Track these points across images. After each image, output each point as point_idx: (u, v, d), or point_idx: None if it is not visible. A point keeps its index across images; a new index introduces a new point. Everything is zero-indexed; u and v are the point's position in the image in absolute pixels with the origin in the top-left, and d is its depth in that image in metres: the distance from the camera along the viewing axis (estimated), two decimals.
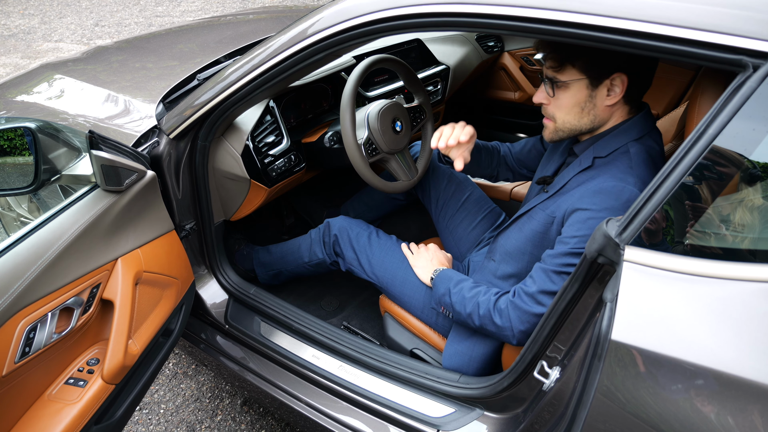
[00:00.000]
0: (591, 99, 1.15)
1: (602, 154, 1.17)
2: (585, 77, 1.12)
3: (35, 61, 5.11)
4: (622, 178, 1.09)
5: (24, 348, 1.02)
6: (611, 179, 1.10)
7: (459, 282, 1.34)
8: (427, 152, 1.69)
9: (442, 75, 2.30)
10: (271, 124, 1.69)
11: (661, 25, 0.80)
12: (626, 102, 1.16)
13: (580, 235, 1.10)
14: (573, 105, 1.16)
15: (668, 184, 0.78)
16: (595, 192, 1.10)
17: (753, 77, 0.74)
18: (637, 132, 1.15)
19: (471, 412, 1.29)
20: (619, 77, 1.10)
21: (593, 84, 1.13)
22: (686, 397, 0.74)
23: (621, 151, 1.14)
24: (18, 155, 1.28)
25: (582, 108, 1.16)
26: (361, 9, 1.10)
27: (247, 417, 2.00)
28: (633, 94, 1.14)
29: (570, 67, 1.13)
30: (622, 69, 1.10)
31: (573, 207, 1.13)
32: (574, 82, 1.14)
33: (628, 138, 1.15)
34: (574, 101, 1.16)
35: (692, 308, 0.75)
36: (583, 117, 1.18)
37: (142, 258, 1.29)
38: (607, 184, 1.10)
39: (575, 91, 1.15)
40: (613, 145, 1.16)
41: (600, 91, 1.13)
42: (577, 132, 1.21)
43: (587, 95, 1.14)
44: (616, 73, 1.10)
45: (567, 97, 1.16)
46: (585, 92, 1.14)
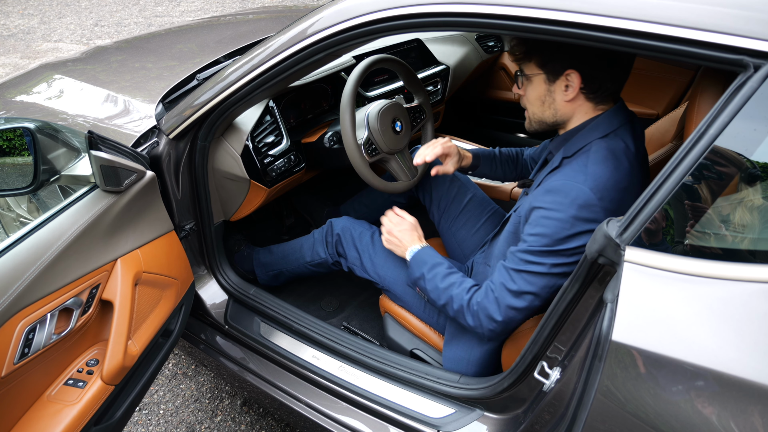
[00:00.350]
0: (550, 93, 1.18)
1: (568, 154, 1.18)
2: (542, 72, 1.16)
3: (35, 61, 5.10)
4: (572, 176, 1.10)
5: (23, 349, 1.02)
6: (561, 178, 1.12)
7: (433, 267, 1.32)
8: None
9: (442, 75, 2.30)
10: (270, 124, 1.69)
11: (662, 25, 0.80)
12: (589, 99, 1.16)
13: (535, 233, 1.11)
14: (535, 98, 1.21)
15: (669, 184, 0.78)
16: (547, 191, 1.12)
17: (754, 77, 0.73)
18: (603, 129, 1.16)
19: (471, 412, 1.29)
20: (574, 74, 1.12)
21: (550, 79, 1.16)
22: (687, 398, 0.74)
23: (584, 150, 1.15)
24: (17, 155, 1.28)
25: (543, 102, 1.20)
26: (360, 9, 1.10)
27: (246, 417, 1.99)
28: (593, 90, 1.14)
29: (529, 62, 1.17)
30: (574, 66, 1.12)
31: (531, 205, 1.15)
32: (534, 76, 1.18)
33: (594, 136, 1.16)
34: (536, 94, 1.20)
35: (693, 309, 0.75)
36: (546, 110, 1.21)
37: (141, 258, 1.29)
38: (556, 183, 1.11)
39: (536, 85, 1.19)
40: (579, 144, 1.17)
41: (557, 86, 1.16)
42: (546, 124, 1.24)
43: (546, 89, 1.18)
44: (569, 70, 1.12)
45: (530, 89, 1.21)
46: (544, 86, 1.18)
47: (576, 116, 1.19)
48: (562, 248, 1.09)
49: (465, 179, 1.74)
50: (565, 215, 1.07)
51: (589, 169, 1.10)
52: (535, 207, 1.13)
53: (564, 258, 1.10)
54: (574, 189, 1.08)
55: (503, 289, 1.16)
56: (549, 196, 1.11)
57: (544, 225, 1.10)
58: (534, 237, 1.11)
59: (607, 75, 1.13)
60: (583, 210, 1.06)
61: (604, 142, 1.14)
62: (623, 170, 1.11)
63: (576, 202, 1.07)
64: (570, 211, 1.07)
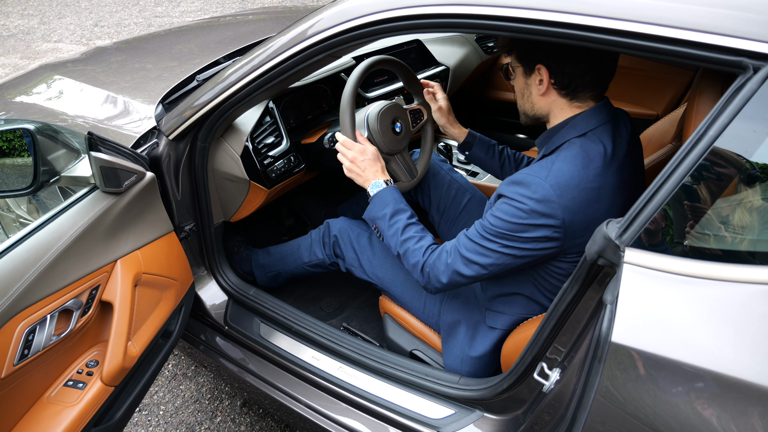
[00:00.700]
0: (527, 87, 1.22)
1: (547, 152, 1.21)
2: (520, 66, 1.21)
3: (34, 62, 5.11)
4: (537, 171, 1.12)
5: (23, 350, 1.02)
6: (528, 171, 1.14)
7: (396, 213, 1.33)
8: (427, 153, 1.69)
9: (441, 76, 2.30)
10: (270, 125, 1.69)
11: (661, 26, 0.80)
12: (561, 95, 1.18)
13: (496, 216, 1.15)
14: (518, 90, 1.26)
15: (669, 185, 0.78)
16: (513, 182, 1.15)
17: (753, 79, 0.73)
18: (581, 128, 1.17)
19: (471, 413, 1.29)
20: (543, 68, 1.15)
21: (527, 73, 1.20)
22: (686, 399, 0.74)
23: (561, 148, 1.17)
24: (17, 156, 1.28)
25: (522, 94, 1.25)
26: (361, 10, 1.10)
27: (246, 418, 1.99)
28: (563, 86, 1.16)
29: (511, 55, 1.23)
30: (542, 61, 1.14)
31: (498, 192, 1.19)
32: (516, 69, 1.23)
33: (571, 135, 1.17)
34: (518, 87, 1.25)
35: (692, 310, 0.75)
36: (525, 103, 1.26)
37: (141, 259, 1.29)
38: (520, 176, 1.14)
39: (518, 78, 1.24)
40: (557, 142, 1.19)
41: (533, 81, 1.20)
42: (529, 117, 1.28)
43: (524, 83, 1.23)
44: (538, 65, 1.15)
45: (515, 81, 1.26)
46: (522, 80, 1.23)
47: (553, 111, 1.22)
48: (517, 235, 1.12)
49: (463, 181, 1.74)
50: (523, 207, 1.10)
51: (555, 166, 1.12)
52: (500, 194, 1.17)
53: (517, 243, 1.13)
54: (534, 183, 1.10)
55: (457, 254, 1.20)
56: (512, 186, 1.14)
57: (503, 211, 1.13)
58: (494, 218, 1.15)
59: (574, 70, 1.14)
60: (540, 205, 1.09)
61: (579, 141, 1.16)
62: (594, 170, 1.12)
63: (534, 195, 1.09)
64: (528, 203, 1.10)
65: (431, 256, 1.25)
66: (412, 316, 1.53)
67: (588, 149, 1.14)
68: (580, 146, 1.14)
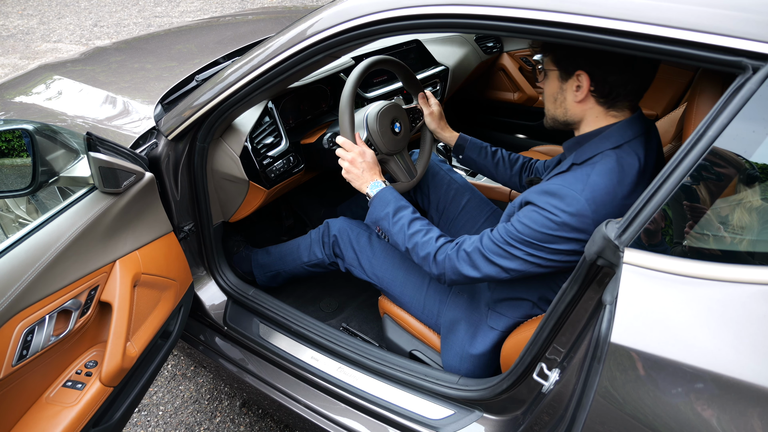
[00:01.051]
0: (562, 92, 1.18)
1: (578, 161, 1.17)
2: (556, 69, 1.17)
3: (34, 62, 5.10)
4: (572, 183, 1.10)
5: (21, 351, 1.01)
6: (562, 182, 1.11)
7: (398, 210, 1.33)
8: (426, 154, 1.69)
9: (441, 76, 2.30)
10: (269, 125, 1.69)
11: (660, 26, 0.80)
12: (599, 102, 1.15)
13: (524, 223, 1.13)
14: (549, 94, 1.21)
15: (668, 185, 0.78)
16: (545, 191, 1.12)
17: (753, 79, 0.73)
18: (616, 140, 1.14)
19: (470, 414, 1.29)
20: (584, 75, 1.12)
21: (563, 78, 1.16)
22: (686, 400, 0.74)
23: (594, 160, 1.14)
24: (16, 157, 1.28)
25: (555, 99, 1.20)
26: (360, 10, 1.10)
27: (246, 419, 1.99)
28: (603, 94, 1.13)
29: (546, 57, 1.18)
30: (584, 67, 1.11)
31: (526, 199, 1.16)
32: (550, 72, 1.19)
33: (606, 146, 1.14)
34: (550, 90, 1.21)
35: (692, 311, 0.75)
36: (557, 108, 1.21)
37: (140, 260, 1.29)
38: (555, 186, 1.11)
39: (551, 81, 1.20)
40: (589, 152, 1.15)
41: (569, 86, 1.16)
42: (558, 122, 1.24)
43: (558, 87, 1.18)
44: (579, 71, 1.12)
45: (546, 84, 1.22)
46: (557, 84, 1.18)
47: (587, 119, 1.18)
48: (544, 245, 1.11)
49: (462, 181, 1.74)
50: (556, 219, 1.08)
51: (590, 179, 1.09)
52: (529, 202, 1.14)
53: (543, 253, 1.11)
54: (569, 196, 1.08)
55: (478, 252, 1.19)
56: (545, 197, 1.11)
57: (533, 220, 1.11)
58: (522, 226, 1.13)
59: (617, 80, 1.11)
60: (574, 218, 1.07)
61: (615, 154, 1.12)
62: (628, 185, 1.10)
63: (568, 209, 1.07)
64: (562, 216, 1.07)
65: (447, 247, 1.25)
66: (412, 317, 1.53)
67: (624, 163, 1.11)
68: (617, 160, 1.11)
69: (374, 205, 1.37)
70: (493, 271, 1.18)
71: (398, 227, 1.32)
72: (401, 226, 1.31)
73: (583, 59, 1.10)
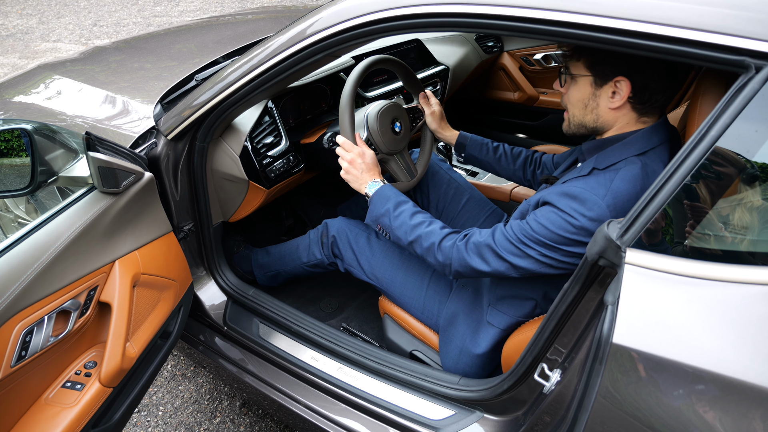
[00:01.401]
0: (594, 98, 1.14)
1: (600, 167, 1.14)
2: (590, 74, 1.12)
3: (33, 62, 5.10)
4: (594, 188, 1.07)
5: (20, 352, 1.01)
6: (584, 186, 1.09)
7: (399, 204, 1.32)
8: (426, 153, 1.69)
9: (441, 75, 2.29)
10: (269, 125, 1.68)
11: (662, 25, 0.79)
12: (635, 109, 1.12)
13: (541, 223, 1.11)
14: (578, 100, 1.17)
15: (670, 186, 0.78)
16: (565, 193, 1.10)
17: (755, 78, 0.73)
18: (641, 146, 1.11)
19: (471, 414, 1.28)
20: (624, 81, 1.08)
21: (597, 83, 1.12)
22: (688, 401, 0.74)
23: (617, 166, 1.11)
24: (15, 156, 1.28)
25: (585, 105, 1.16)
26: (360, 9, 1.10)
27: (246, 419, 1.99)
28: (641, 101, 1.10)
29: (577, 61, 1.13)
30: (625, 73, 1.07)
31: (544, 198, 1.14)
32: (580, 77, 1.14)
33: (629, 153, 1.11)
34: (579, 96, 1.16)
35: (694, 311, 0.74)
36: (587, 114, 1.17)
37: (139, 260, 1.29)
38: (576, 189, 1.08)
39: (581, 86, 1.15)
40: (613, 158, 1.13)
41: (604, 92, 1.12)
42: (585, 128, 1.20)
43: (591, 93, 1.14)
44: (619, 77, 1.08)
45: (574, 90, 1.17)
46: (589, 90, 1.14)
47: (618, 125, 1.15)
48: (559, 247, 1.09)
49: (462, 181, 1.74)
50: (575, 222, 1.06)
51: (614, 185, 1.07)
52: (547, 202, 1.12)
53: (557, 254, 1.10)
54: (590, 200, 1.06)
55: (489, 248, 1.17)
56: (565, 199, 1.09)
57: (550, 221, 1.09)
58: (538, 225, 1.11)
59: (658, 86, 1.08)
60: (593, 224, 1.05)
61: (640, 161, 1.10)
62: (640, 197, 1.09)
63: (588, 214, 1.05)
64: (581, 220, 1.06)
65: (454, 236, 1.23)
66: (412, 317, 1.53)
67: (649, 171, 1.09)
68: (642, 167, 1.08)
69: (374, 202, 1.36)
70: (502, 267, 1.16)
71: (399, 221, 1.30)
72: (402, 220, 1.29)
73: (625, 65, 1.07)
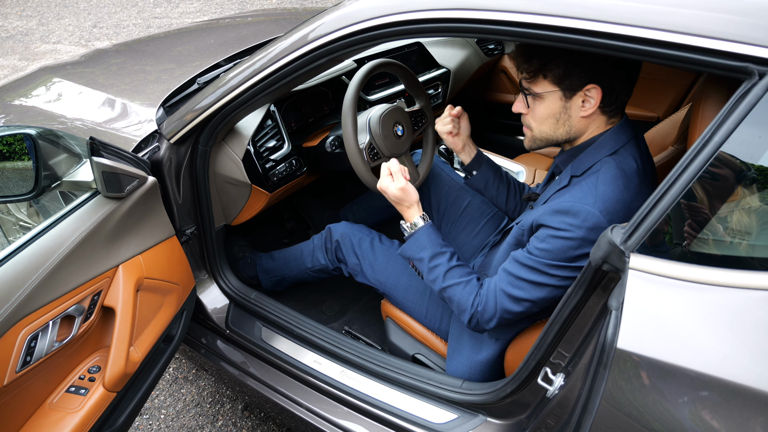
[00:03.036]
0: (565, 110, 1.14)
1: (577, 173, 1.16)
2: (558, 89, 1.12)
3: (33, 63, 5.09)
4: (582, 198, 1.08)
5: (25, 357, 1.01)
6: (570, 199, 1.10)
7: (434, 256, 1.28)
8: (428, 157, 1.69)
9: (442, 78, 2.30)
10: (272, 128, 1.69)
11: (666, 32, 0.80)
12: (604, 113, 1.14)
13: (542, 248, 1.11)
14: (548, 116, 1.16)
15: (674, 191, 0.78)
16: (556, 211, 1.10)
17: (759, 84, 0.73)
18: (611, 146, 1.13)
19: (474, 418, 1.28)
20: (594, 88, 1.09)
21: (567, 95, 1.12)
22: (692, 406, 0.74)
23: (594, 169, 1.13)
24: (17, 160, 1.28)
25: (557, 119, 1.16)
26: (362, 15, 1.10)
27: (248, 422, 1.99)
28: (610, 104, 1.12)
29: (542, 79, 1.12)
30: (595, 80, 1.08)
31: (538, 222, 1.14)
32: (548, 94, 1.13)
33: (603, 154, 1.13)
34: (549, 112, 1.15)
35: (698, 316, 0.75)
36: (558, 128, 1.17)
37: (143, 264, 1.29)
38: (566, 204, 1.09)
39: (549, 103, 1.14)
40: (587, 162, 1.14)
41: (574, 102, 1.12)
42: (554, 142, 1.20)
43: (561, 107, 1.14)
44: (590, 84, 1.09)
45: (542, 108, 1.15)
46: (559, 104, 1.13)
47: (588, 131, 1.16)
48: (570, 265, 1.09)
49: (463, 184, 1.74)
50: (574, 236, 1.07)
51: (599, 191, 1.08)
52: (542, 225, 1.12)
53: (569, 272, 1.10)
54: (583, 211, 1.07)
55: (503, 294, 1.17)
56: (558, 216, 1.09)
57: (551, 243, 1.09)
58: (541, 251, 1.11)
59: (623, 87, 1.10)
60: (592, 232, 1.06)
61: (614, 161, 1.11)
62: (633, 189, 1.09)
63: (585, 224, 1.06)
64: (579, 232, 1.06)
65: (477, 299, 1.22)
66: (415, 320, 1.53)
67: (625, 168, 1.10)
68: (617, 166, 1.10)
69: (409, 243, 1.33)
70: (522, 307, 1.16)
71: (434, 275, 1.27)
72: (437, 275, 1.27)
73: (593, 71, 1.08)
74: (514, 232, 1.26)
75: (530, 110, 1.18)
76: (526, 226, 1.19)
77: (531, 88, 1.15)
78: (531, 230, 1.17)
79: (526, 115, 1.20)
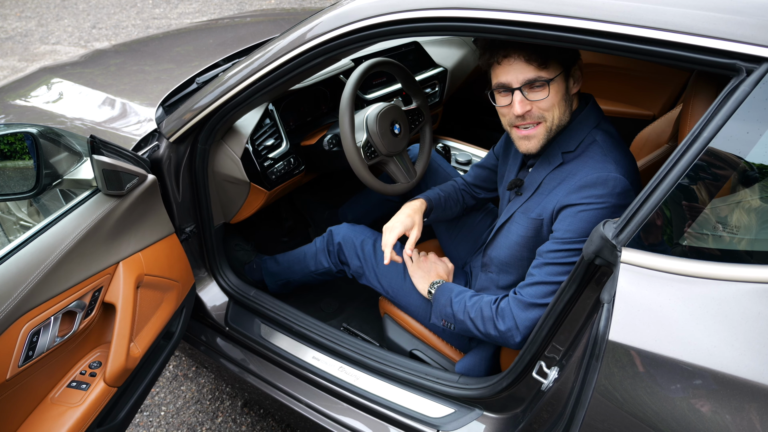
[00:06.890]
0: (567, 90, 1.18)
1: (570, 148, 1.17)
2: (562, 68, 1.15)
3: (33, 64, 5.10)
4: (602, 167, 1.11)
5: (27, 352, 1.03)
6: (592, 171, 1.12)
7: (460, 292, 1.32)
8: (425, 154, 1.70)
9: (439, 77, 2.31)
10: (270, 127, 1.70)
11: (656, 30, 0.81)
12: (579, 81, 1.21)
13: (573, 229, 1.12)
14: (560, 99, 1.16)
15: (665, 185, 0.80)
16: (581, 187, 1.12)
17: (747, 81, 0.75)
18: (594, 120, 1.19)
19: (470, 412, 1.30)
20: (578, 63, 1.16)
21: (566, 74, 1.17)
22: (683, 397, 0.76)
23: (587, 141, 1.16)
24: (18, 159, 1.29)
25: (565, 101, 1.17)
26: (359, 14, 1.11)
27: (247, 419, 2.00)
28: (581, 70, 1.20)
29: (553, 62, 1.13)
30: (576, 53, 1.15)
31: (561, 204, 1.15)
32: (557, 78, 1.15)
33: (589, 127, 1.18)
34: (560, 95, 1.16)
35: (688, 309, 0.76)
36: (566, 110, 1.18)
37: (143, 261, 1.30)
38: (590, 177, 1.11)
39: (558, 86, 1.15)
40: (578, 136, 1.17)
41: (571, 79, 1.18)
42: (562, 127, 1.19)
43: (565, 87, 1.17)
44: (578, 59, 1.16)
45: (553, 92, 1.14)
46: (563, 84, 1.16)
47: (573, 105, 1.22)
48: None
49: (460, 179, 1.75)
50: (608, 205, 1.08)
51: (612, 157, 1.11)
52: (567, 205, 1.13)
53: None
54: (610, 179, 1.09)
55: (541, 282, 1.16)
56: (584, 191, 1.10)
57: (584, 219, 1.10)
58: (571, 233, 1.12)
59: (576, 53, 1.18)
60: (622, 197, 1.08)
61: (602, 131, 1.16)
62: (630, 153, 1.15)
63: (615, 191, 1.08)
64: (611, 200, 1.08)
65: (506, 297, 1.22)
66: (419, 323, 1.54)
67: (613, 134, 1.16)
68: (608, 134, 1.15)
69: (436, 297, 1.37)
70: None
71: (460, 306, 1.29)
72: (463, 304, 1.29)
73: None
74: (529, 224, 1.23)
75: (542, 101, 1.14)
76: (546, 215, 1.19)
77: (541, 76, 1.12)
78: (552, 217, 1.18)
79: (532, 110, 1.15)
